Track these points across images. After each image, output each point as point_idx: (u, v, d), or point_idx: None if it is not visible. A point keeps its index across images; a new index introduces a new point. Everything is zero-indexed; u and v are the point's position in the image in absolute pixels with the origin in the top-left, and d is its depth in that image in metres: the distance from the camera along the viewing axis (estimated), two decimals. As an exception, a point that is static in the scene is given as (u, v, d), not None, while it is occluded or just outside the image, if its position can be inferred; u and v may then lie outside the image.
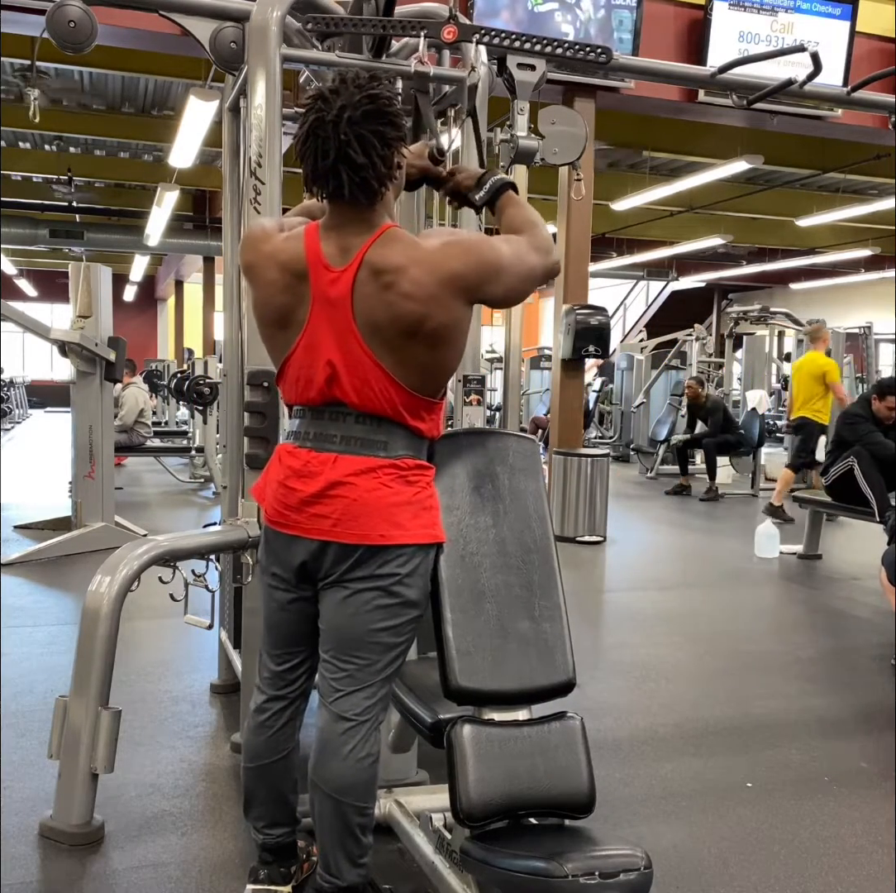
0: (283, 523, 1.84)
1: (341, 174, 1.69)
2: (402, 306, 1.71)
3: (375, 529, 1.76)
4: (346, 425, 1.82)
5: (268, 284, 1.81)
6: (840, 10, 6.98)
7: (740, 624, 4.72)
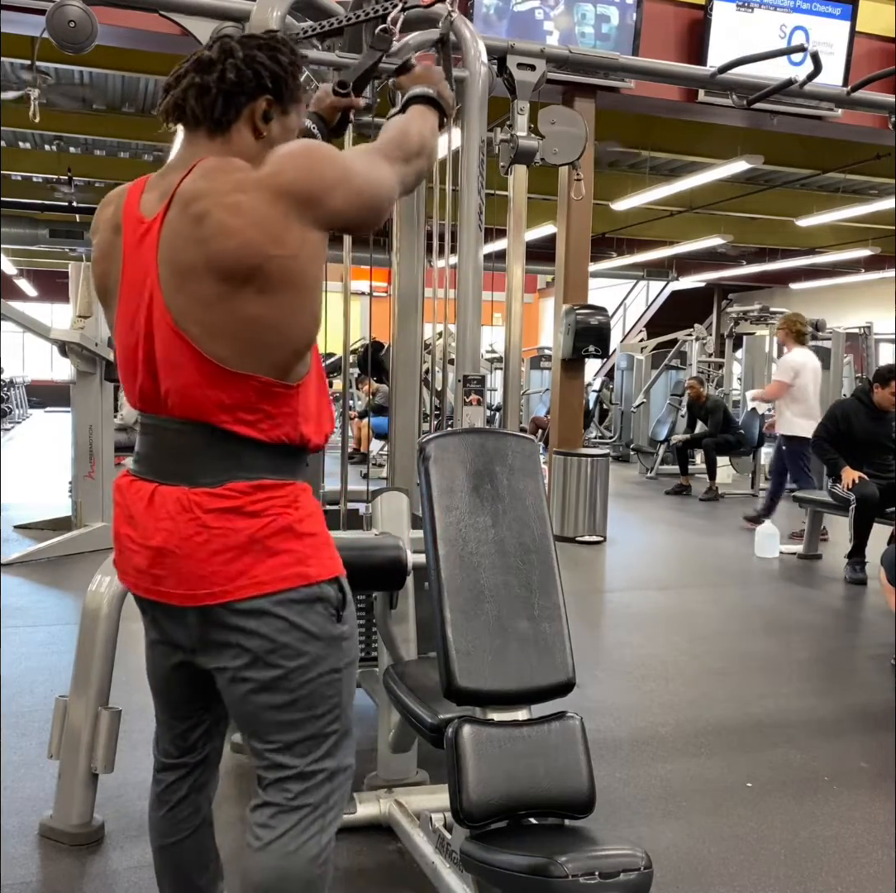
0: (122, 577, 1.52)
1: (185, 80, 1.36)
2: (218, 242, 1.28)
3: (200, 585, 1.36)
4: (157, 438, 1.42)
5: (95, 248, 1.47)
6: (840, 10, 6.98)
7: (740, 624, 4.72)
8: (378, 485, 3.15)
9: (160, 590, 1.41)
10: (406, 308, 3.01)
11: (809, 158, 10.86)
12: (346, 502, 3.13)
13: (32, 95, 5.01)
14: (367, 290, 2.94)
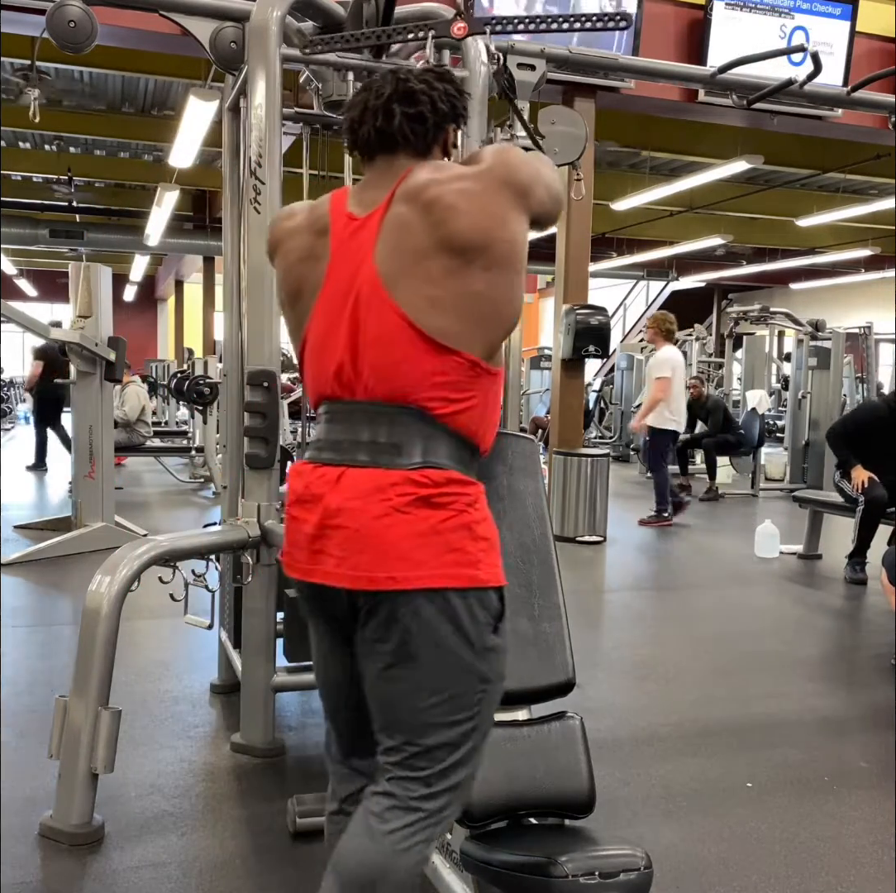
0: (289, 565, 1.50)
1: (393, 110, 1.47)
2: (450, 222, 1.37)
3: (381, 568, 1.36)
4: (350, 422, 1.44)
5: (286, 256, 1.55)
6: (840, 10, 6.98)
7: (740, 624, 4.72)
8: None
9: (335, 572, 1.40)
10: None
11: (809, 158, 10.86)
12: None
13: (32, 95, 5.02)
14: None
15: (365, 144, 1.51)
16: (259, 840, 2.42)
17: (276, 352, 2.85)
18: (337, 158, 3.09)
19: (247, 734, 2.94)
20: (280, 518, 2.89)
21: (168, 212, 11.46)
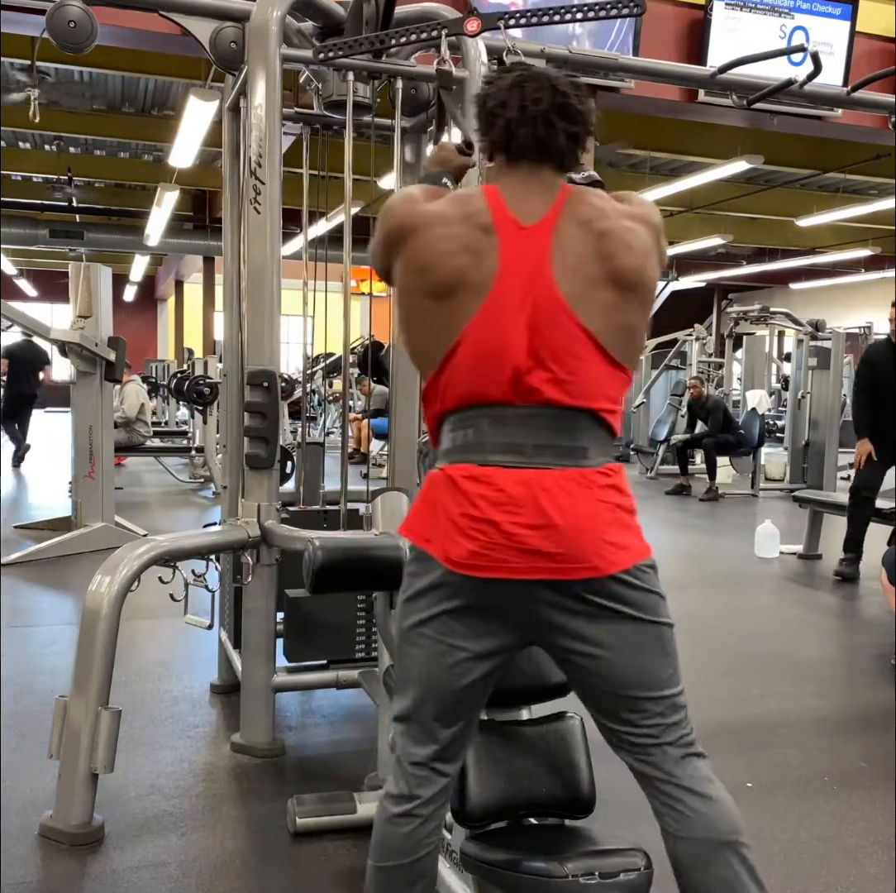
0: (486, 567, 1.47)
1: (555, 123, 1.52)
2: (621, 258, 1.48)
3: (600, 556, 1.49)
4: (536, 427, 1.50)
5: (434, 243, 1.49)
6: (840, 10, 6.98)
7: (740, 624, 4.72)
8: (378, 485, 3.15)
9: (552, 567, 1.46)
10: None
11: (809, 158, 10.86)
12: (346, 502, 3.13)
13: (32, 95, 5.02)
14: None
15: (520, 149, 1.53)
16: (259, 840, 2.42)
17: (276, 352, 2.85)
18: (337, 157, 3.09)
19: (247, 734, 2.94)
20: (279, 518, 2.89)
21: (168, 212, 11.46)
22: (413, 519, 1.57)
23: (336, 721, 3.27)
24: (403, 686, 1.58)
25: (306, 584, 2.24)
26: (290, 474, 3.63)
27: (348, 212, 2.98)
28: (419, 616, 1.52)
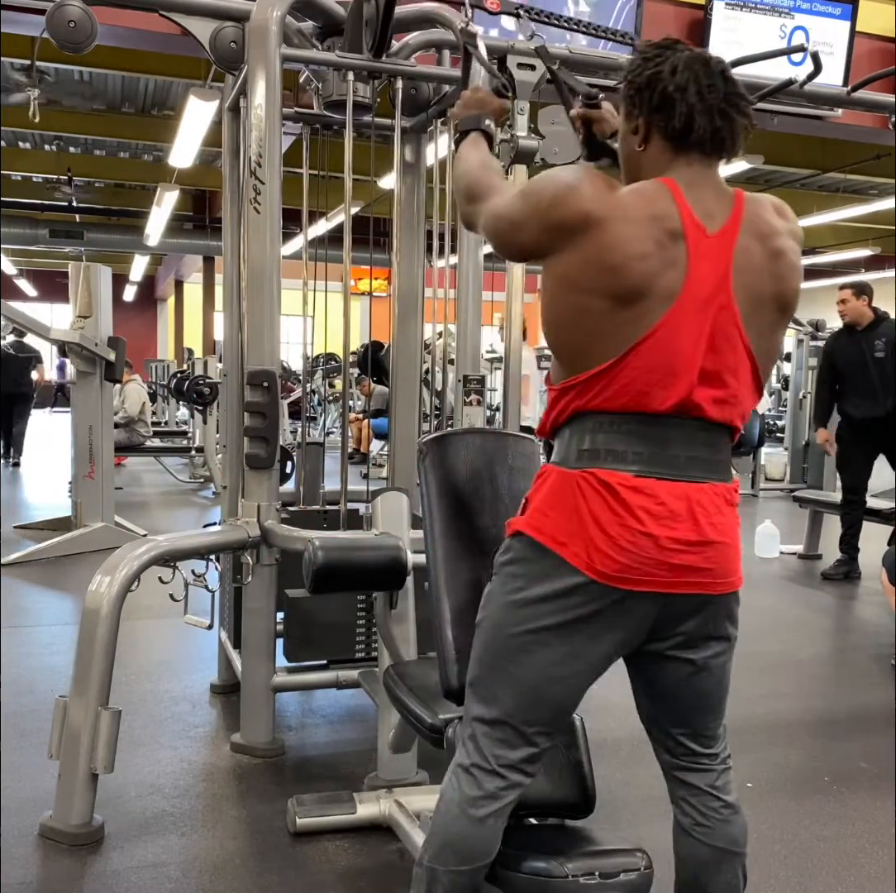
0: (636, 580, 1.44)
1: (731, 115, 1.45)
2: (789, 280, 1.48)
3: (737, 572, 1.54)
4: (690, 441, 1.48)
5: (624, 243, 1.40)
6: (840, 10, 6.98)
7: (740, 624, 4.71)
8: (378, 485, 3.15)
9: (700, 582, 1.48)
10: (406, 308, 3.01)
11: (809, 158, 10.85)
12: (346, 502, 3.13)
13: (32, 95, 5.02)
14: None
15: (698, 139, 1.45)
16: (259, 840, 2.42)
17: (276, 352, 2.85)
18: (337, 157, 3.09)
19: (247, 734, 2.94)
20: (279, 518, 2.89)
21: (168, 212, 11.46)
22: (542, 519, 1.49)
23: (336, 721, 3.27)
24: (501, 689, 1.53)
25: (306, 584, 2.24)
26: (290, 474, 3.63)
27: (348, 212, 2.98)
28: (541, 622, 1.47)
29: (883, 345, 5.55)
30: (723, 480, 1.51)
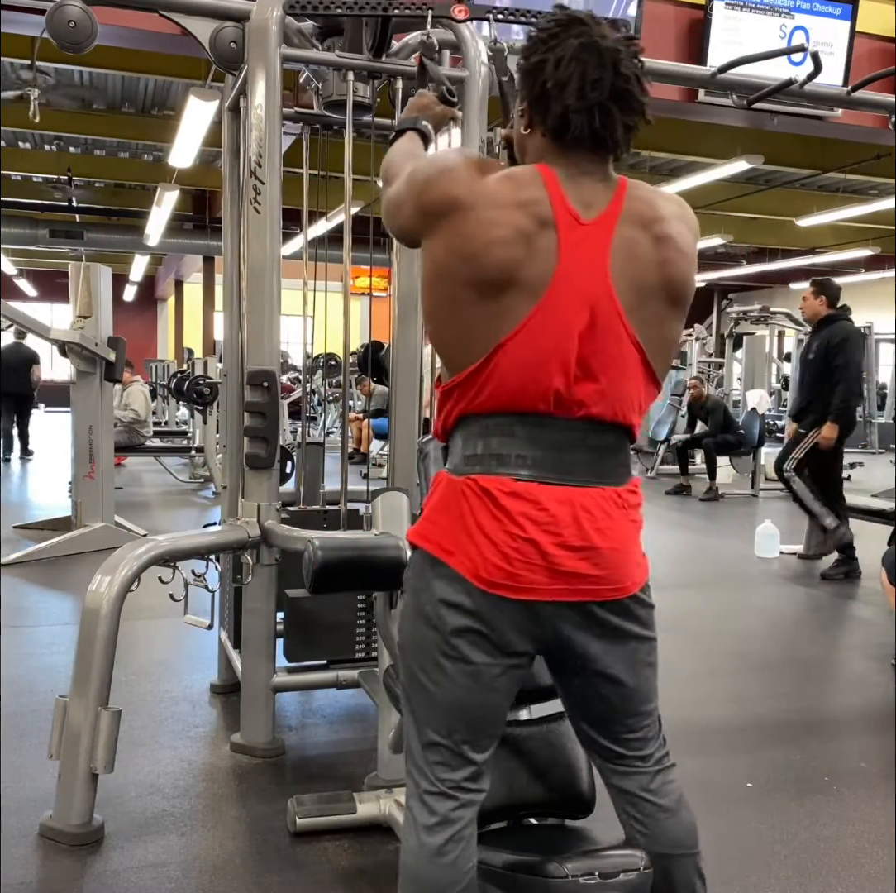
0: (517, 587, 1.40)
1: (613, 114, 1.37)
2: (677, 264, 1.42)
3: (629, 576, 1.48)
4: (576, 441, 1.43)
5: (486, 229, 1.35)
6: (840, 10, 6.98)
7: (740, 624, 4.72)
8: (378, 485, 3.15)
9: (587, 589, 1.43)
10: (406, 308, 3.01)
11: (809, 158, 10.85)
12: (346, 502, 3.13)
13: (32, 95, 5.02)
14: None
15: (573, 139, 1.39)
16: (259, 840, 2.42)
17: (276, 352, 2.85)
18: (337, 157, 3.09)
19: (247, 734, 2.94)
20: (279, 519, 2.89)
21: (168, 212, 11.46)
22: (430, 527, 1.46)
23: (336, 721, 3.27)
24: (425, 710, 1.48)
25: (306, 584, 2.23)
26: (290, 474, 3.63)
27: (348, 212, 2.98)
28: (443, 635, 1.43)
29: (816, 347, 5.59)
30: (613, 483, 1.45)
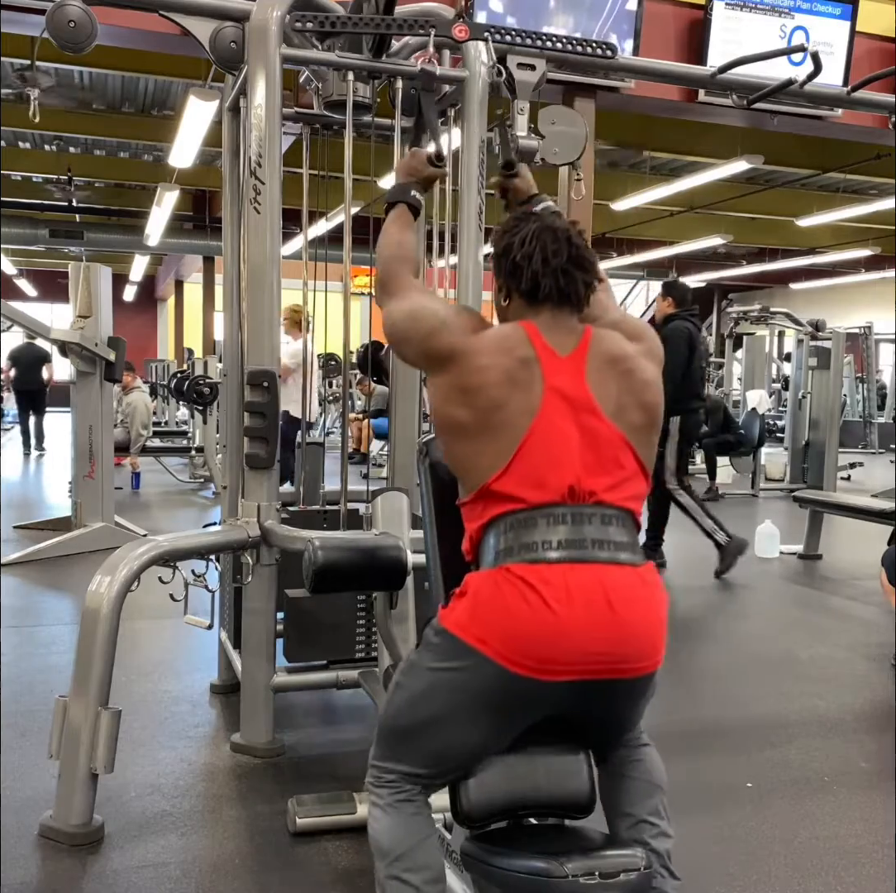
0: (543, 670, 1.53)
1: (573, 274, 1.70)
2: (646, 394, 1.70)
3: (657, 653, 1.61)
4: (596, 524, 1.61)
5: (480, 373, 1.63)
6: (840, 10, 6.98)
7: (741, 624, 4.72)
8: (378, 485, 3.15)
9: (616, 668, 1.56)
10: (406, 308, 3.00)
11: (809, 158, 10.85)
12: (346, 502, 3.13)
13: (32, 95, 5.01)
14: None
15: (545, 297, 1.70)
16: (259, 840, 2.42)
17: (276, 352, 2.85)
18: (337, 157, 3.09)
19: (247, 734, 2.94)
20: (279, 519, 2.89)
21: (168, 212, 11.45)
22: (465, 616, 1.58)
23: (336, 721, 3.27)
24: (421, 755, 1.67)
25: (306, 584, 2.23)
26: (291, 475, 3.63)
27: (348, 212, 2.98)
28: (461, 711, 1.59)
29: None
30: (632, 562, 1.60)
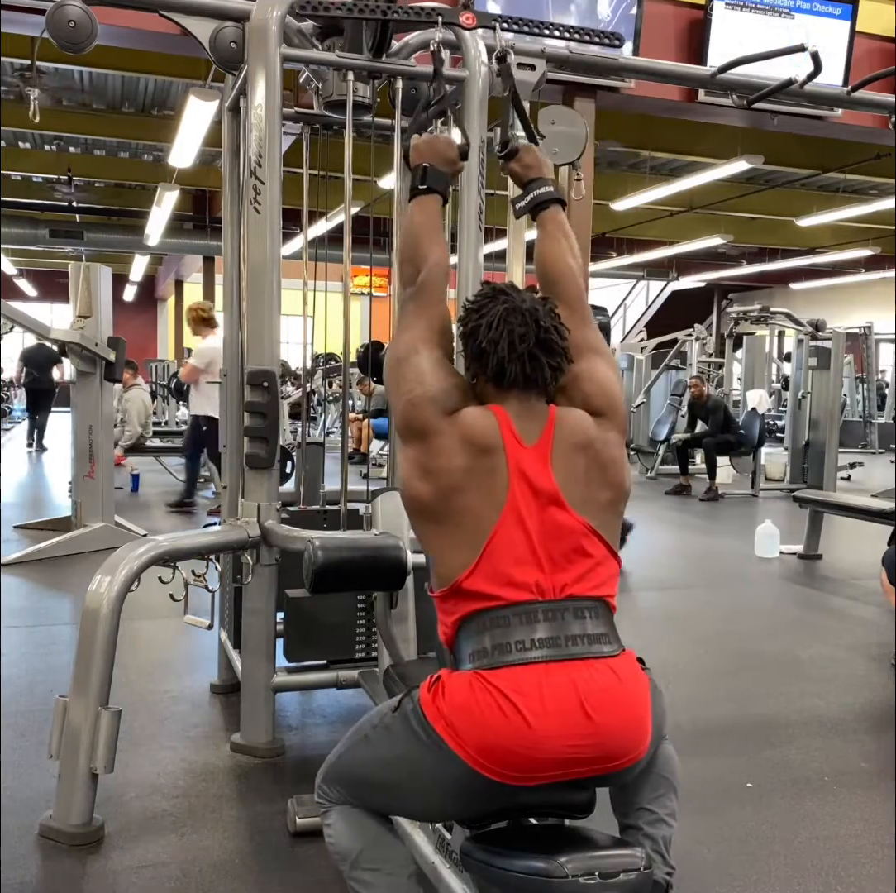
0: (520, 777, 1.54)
1: (540, 359, 1.67)
2: (610, 470, 1.68)
3: (641, 742, 1.60)
4: (557, 620, 1.57)
5: (449, 453, 1.62)
6: (840, 10, 6.98)
7: (740, 624, 4.72)
8: (378, 485, 3.15)
9: (598, 767, 1.55)
10: (406, 308, 3.00)
11: (809, 158, 10.86)
12: (346, 502, 3.13)
13: (32, 95, 5.02)
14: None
15: (511, 382, 1.67)
16: (259, 840, 2.42)
17: (276, 352, 2.85)
18: (337, 157, 3.09)
19: (247, 734, 2.94)
20: (279, 519, 2.89)
21: (168, 212, 11.46)
22: (443, 715, 1.56)
23: (336, 721, 3.27)
24: (373, 803, 1.69)
25: (306, 584, 2.24)
26: (290, 474, 3.63)
27: (348, 212, 2.98)
28: (426, 791, 1.61)
29: None
30: (610, 653, 1.56)
